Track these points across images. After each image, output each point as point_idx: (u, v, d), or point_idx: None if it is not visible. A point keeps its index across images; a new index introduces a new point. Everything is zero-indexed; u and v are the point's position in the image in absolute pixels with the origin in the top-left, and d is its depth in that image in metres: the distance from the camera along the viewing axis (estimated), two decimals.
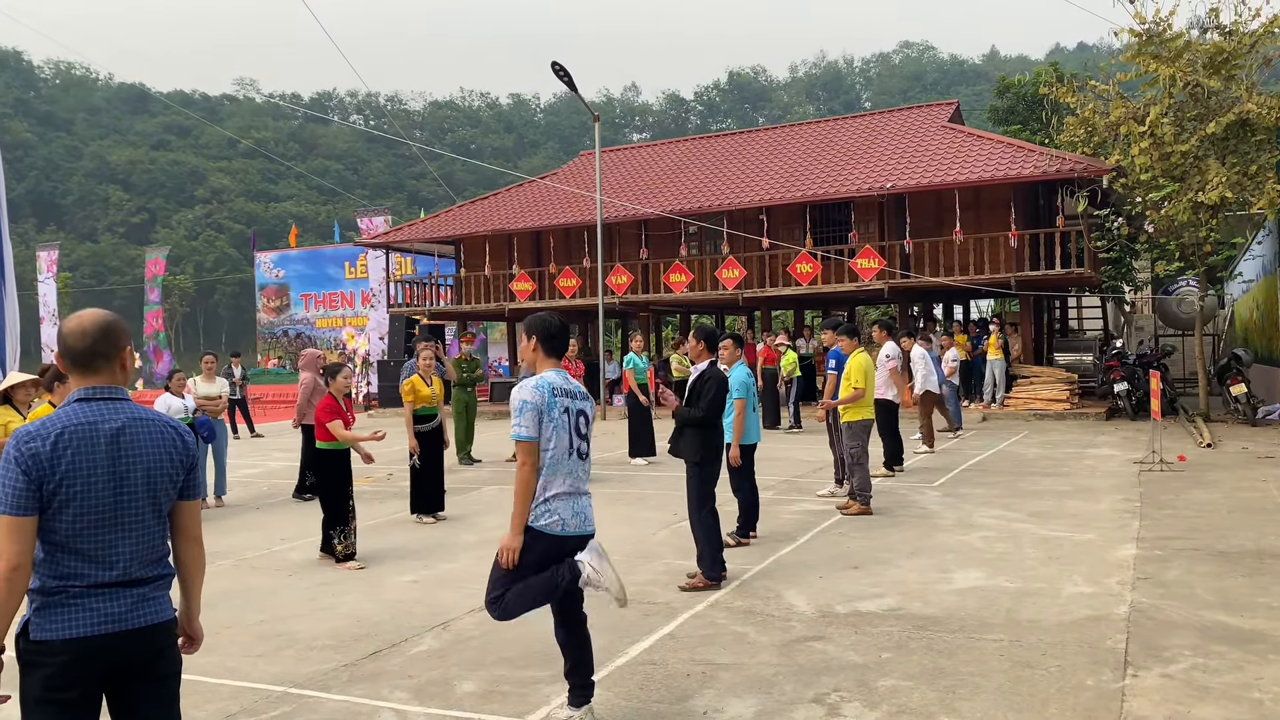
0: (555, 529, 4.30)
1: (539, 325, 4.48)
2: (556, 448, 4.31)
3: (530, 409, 4.26)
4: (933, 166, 22.03)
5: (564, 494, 4.33)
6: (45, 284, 45.04)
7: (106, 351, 2.79)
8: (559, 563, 4.33)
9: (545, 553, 4.30)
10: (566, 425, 4.36)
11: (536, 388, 4.31)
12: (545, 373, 4.42)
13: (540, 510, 4.30)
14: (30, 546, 2.61)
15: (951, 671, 4.95)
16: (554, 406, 4.31)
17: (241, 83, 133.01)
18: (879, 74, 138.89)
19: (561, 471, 4.34)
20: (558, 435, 4.32)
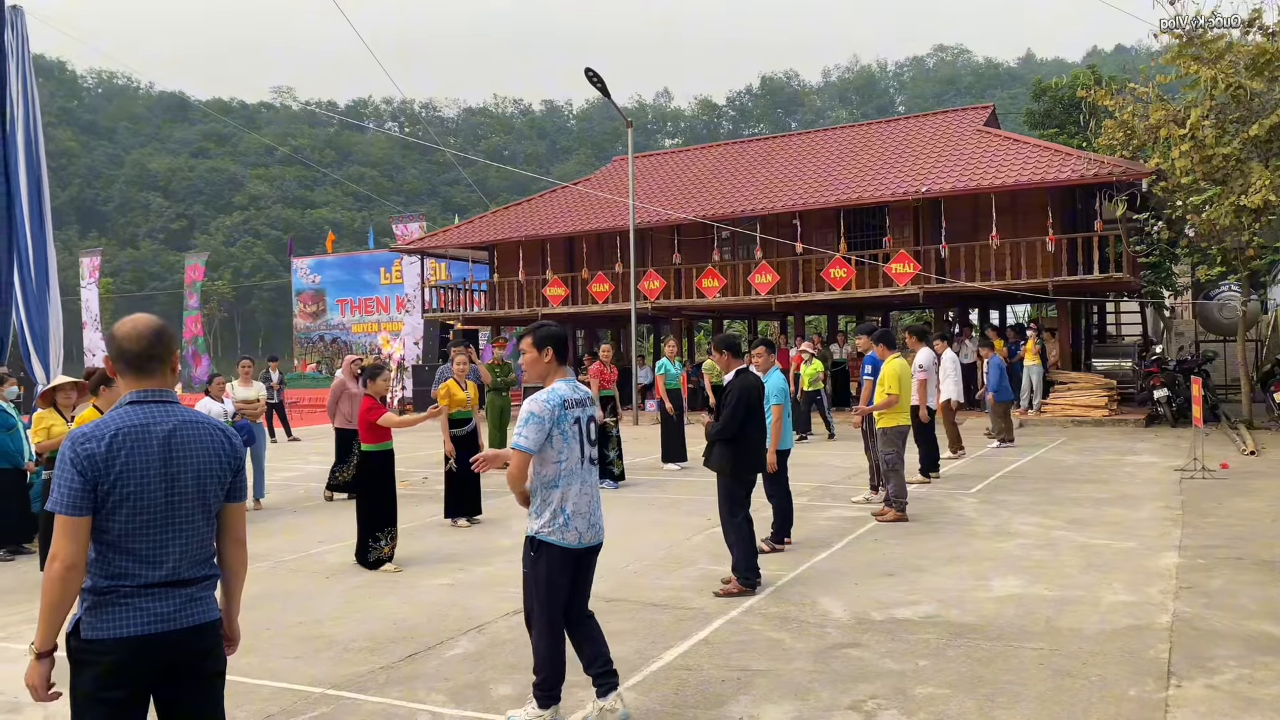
0: (573, 543, 4.42)
1: (554, 336, 4.55)
2: (569, 459, 4.40)
3: (535, 421, 4.34)
4: (968, 170, 21.85)
5: (580, 511, 4.43)
6: (88, 290, 45.84)
7: (160, 355, 2.85)
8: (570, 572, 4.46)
9: (562, 564, 4.43)
10: (578, 435, 4.45)
11: (547, 401, 4.38)
12: (556, 384, 4.48)
13: (558, 525, 4.38)
14: (85, 546, 2.66)
15: (990, 680, 4.91)
16: (565, 419, 4.39)
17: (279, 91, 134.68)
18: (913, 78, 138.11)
19: (576, 481, 4.42)
20: (569, 447, 4.40)
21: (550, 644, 4.45)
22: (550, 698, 4.48)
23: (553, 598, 4.43)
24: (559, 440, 4.36)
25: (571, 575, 4.49)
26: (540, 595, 4.44)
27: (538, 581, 4.45)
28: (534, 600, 4.49)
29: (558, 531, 4.38)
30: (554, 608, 4.45)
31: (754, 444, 6.99)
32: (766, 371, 8.46)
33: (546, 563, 4.40)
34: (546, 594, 4.42)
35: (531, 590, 4.50)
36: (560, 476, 4.38)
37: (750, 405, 6.89)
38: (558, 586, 4.43)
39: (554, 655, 4.46)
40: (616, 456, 12.57)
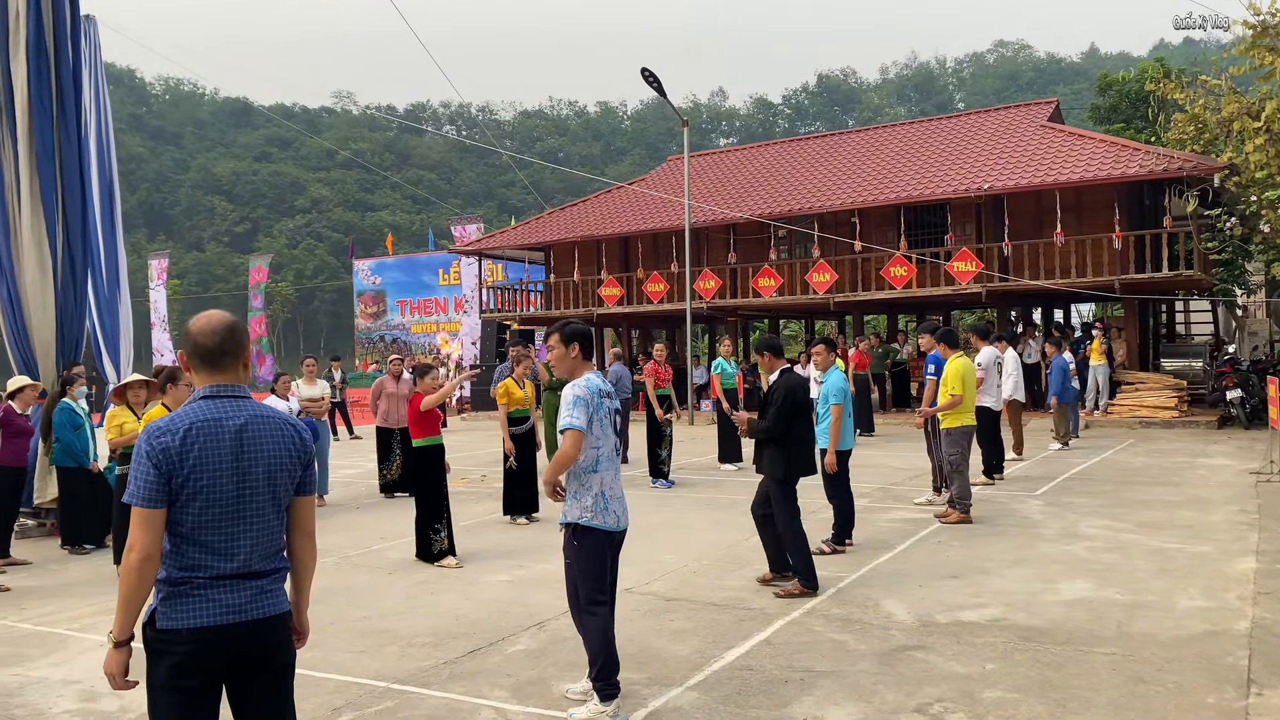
0: (612, 526, 4.66)
1: (580, 333, 4.83)
2: (604, 446, 4.68)
3: (582, 404, 4.62)
4: (1031, 167, 21.44)
5: (616, 495, 4.70)
6: (156, 291, 47.05)
7: (232, 351, 2.89)
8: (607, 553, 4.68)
9: (604, 547, 4.65)
10: (611, 423, 4.73)
11: (586, 386, 4.67)
12: (588, 375, 4.76)
13: (599, 509, 4.61)
14: (159, 538, 2.71)
15: (1061, 685, 4.79)
16: (601, 407, 4.69)
17: (339, 95, 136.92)
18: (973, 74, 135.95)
19: (611, 468, 4.71)
20: (604, 433, 4.70)
21: (601, 630, 4.58)
22: (611, 687, 4.53)
23: (599, 582, 4.63)
24: (597, 426, 4.65)
25: (611, 558, 4.71)
26: (588, 581, 4.62)
27: (584, 568, 4.63)
28: (581, 587, 4.65)
29: (599, 515, 4.62)
30: (601, 592, 4.63)
31: (806, 446, 6.86)
32: (826, 370, 8.39)
33: (591, 548, 4.61)
34: (595, 579, 4.62)
35: (577, 578, 4.67)
36: (599, 461, 4.65)
37: (797, 404, 6.77)
38: (603, 570, 4.64)
39: (607, 641, 4.57)
40: (667, 456, 12.55)
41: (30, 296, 10.24)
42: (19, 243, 10.18)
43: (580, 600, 4.66)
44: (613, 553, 4.72)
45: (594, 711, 4.50)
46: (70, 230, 10.45)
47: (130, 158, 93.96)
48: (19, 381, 8.93)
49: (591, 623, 4.59)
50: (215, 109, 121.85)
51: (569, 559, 4.70)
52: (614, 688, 4.52)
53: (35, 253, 10.19)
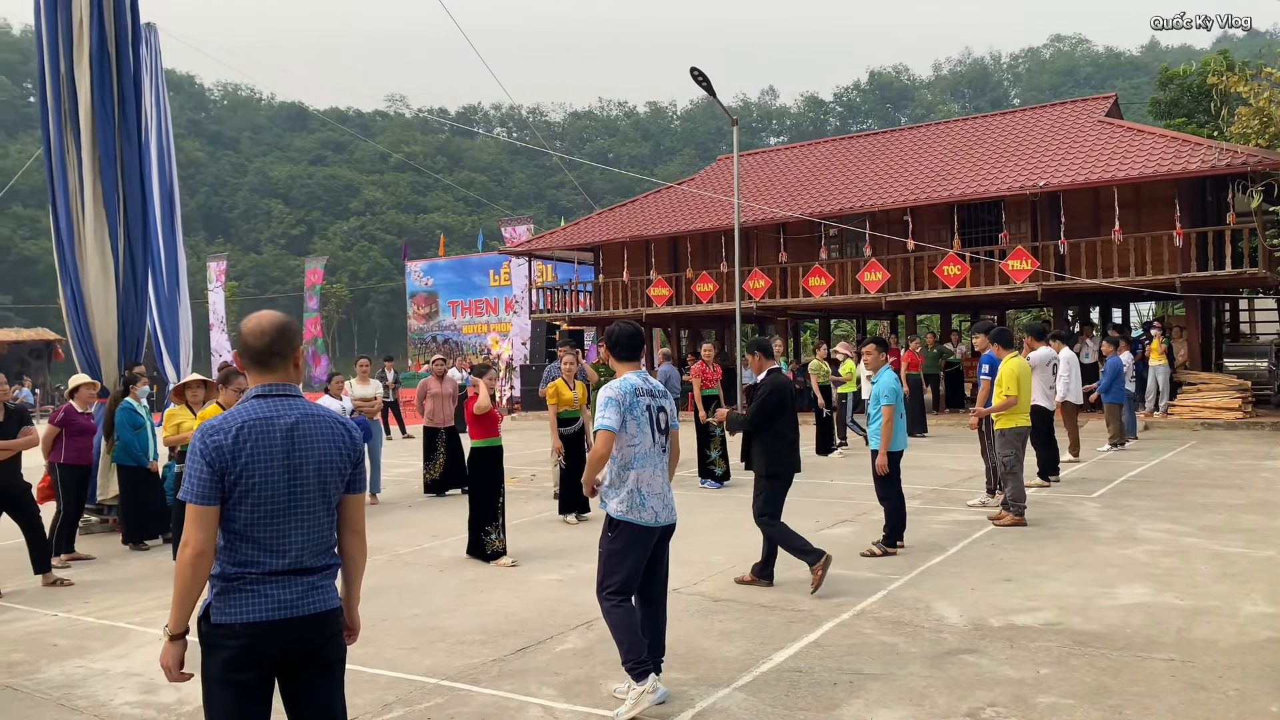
0: (649, 521, 4.75)
1: (608, 335, 5.00)
2: (642, 443, 4.77)
3: (613, 404, 4.74)
4: (1089, 163, 21.03)
5: (656, 492, 4.78)
6: (214, 293, 48.05)
7: (283, 351, 2.94)
8: (646, 550, 4.78)
9: (637, 540, 4.74)
10: (649, 421, 4.80)
11: (620, 388, 4.78)
12: (626, 375, 4.87)
13: (634, 504, 4.72)
14: (213, 534, 2.77)
15: (1118, 691, 4.69)
16: (637, 405, 4.77)
17: (392, 99, 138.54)
18: (1028, 70, 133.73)
19: (649, 465, 4.78)
20: (641, 431, 4.78)
21: (621, 615, 4.68)
22: (642, 665, 4.60)
23: (624, 571, 4.73)
24: (631, 424, 4.74)
25: (645, 553, 4.78)
26: (613, 568, 4.74)
27: (612, 555, 4.76)
28: (605, 575, 4.77)
29: (634, 510, 4.72)
30: (625, 580, 4.73)
31: (789, 443, 7.00)
32: (877, 370, 8.31)
33: (623, 539, 4.73)
34: (620, 567, 4.73)
35: (604, 564, 4.80)
36: (635, 459, 4.74)
37: (781, 403, 6.96)
38: (631, 561, 4.74)
39: (628, 625, 4.67)
40: (719, 456, 12.50)
41: (93, 298, 10.50)
42: (83, 246, 10.45)
43: (603, 590, 4.76)
44: (650, 549, 4.80)
45: (635, 695, 4.56)
46: (131, 233, 10.70)
47: (189, 162, 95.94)
48: (78, 380, 9.15)
49: (615, 616, 4.69)
50: (272, 113, 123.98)
51: (603, 548, 4.83)
52: (644, 665, 4.60)
53: (98, 255, 10.45)
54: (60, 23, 10.40)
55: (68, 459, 8.75)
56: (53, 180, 10.53)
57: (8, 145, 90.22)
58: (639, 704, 4.54)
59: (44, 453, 8.75)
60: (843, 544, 8.44)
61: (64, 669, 5.64)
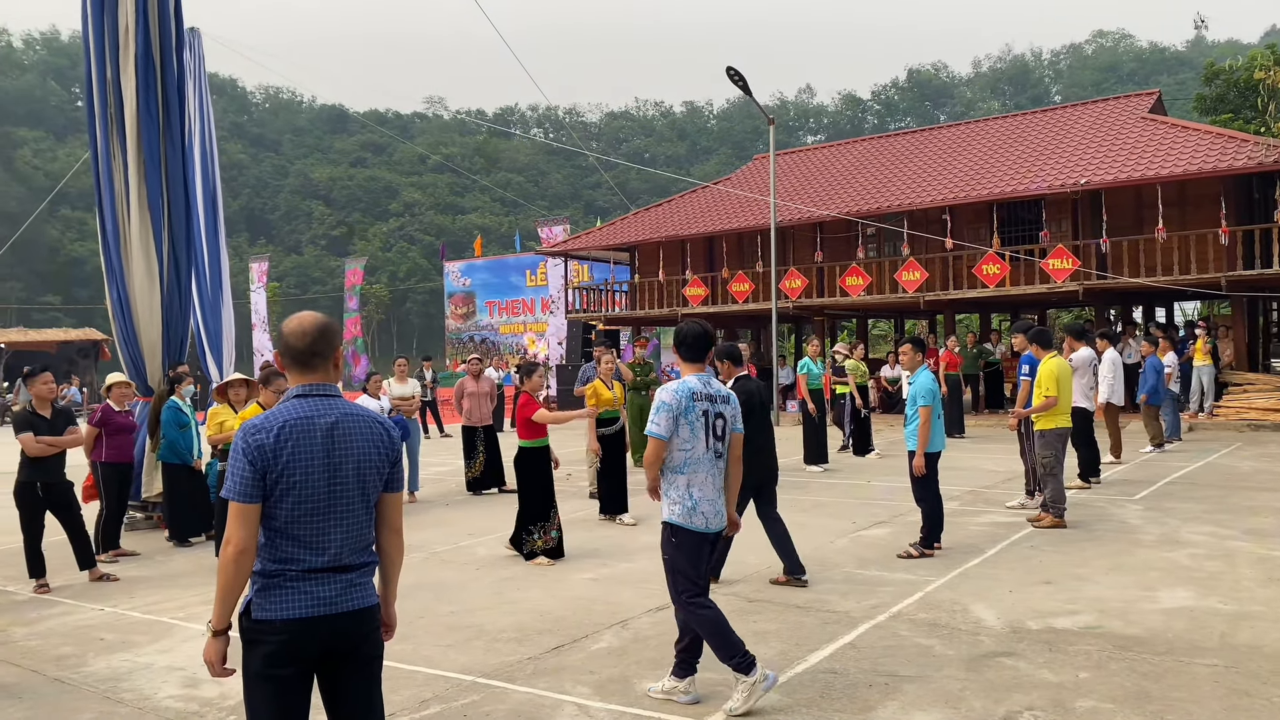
0: (700, 527, 4.70)
1: (675, 335, 4.91)
2: (694, 448, 4.69)
3: (665, 410, 4.67)
4: (1131, 160, 20.72)
5: (708, 498, 4.71)
6: (256, 293, 48.69)
7: (323, 351, 2.99)
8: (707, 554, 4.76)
9: (697, 547, 4.70)
10: (704, 427, 4.71)
11: (675, 391, 4.70)
12: (687, 378, 4.80)
13: (687, 509, 4.67)
14: (254, 532, 2.82)
15: (1159, 696, 4.63)
16: (692, 410, 4.69)
17: (431, 101, 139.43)
18: (1070, 66, 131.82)
19: (702, 471, 4.70)
20: (695, 436, 4.70)
21: (707, 616, 4.65)
22: (744, 658, 4.60)
23: (693, 574, 4.70)
24: (684, 429, 4.67)
25: (708, 554, 4.78)
26: (680, 574, 4.71)
27: (678, 566, 4.72)
28: (678, 585, 4.74)
29: (686, 516, 4.68)
30: (695, 582, 4.70)
31: (755, 449, 6.80)
32: (914, 370, 8.25)
33: (683, 545, 4.69)
34: (687, 572, 4.70)
35: (671, 573, 4.77)
36: (685, 464, 4.69)
37: (751, 409, 6.85)
38: (696, 565, 4.70)
39: (716, 624, 4.64)
40: None
41: (138, 299, 10.69)
42: (128, 248, 10.65)
43: (681, 596, 4.73)
44: (709, 549, 4.79)
45: (746, 687, 4.56)
46: (175, 235, 10.88)
47: (232, 164, 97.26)
48: (112, 378, 9.31)
49: (699, 619, 4.66)
50: (312, 116, 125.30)
51: (667, 554, 4.78)
52: (746, 657, 4.59)
53: (143, 257, 10.64)
54: (107, 28, 10.60)
55: (108, 457, 8.91)
56: (99, 183, 10.74)
57: (57, 149, 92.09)
58: (751, 696, 4.55)
59: (86, 452, 8.92)
60: (879, 545, 8.40)
61: (110, 662, 5.76)
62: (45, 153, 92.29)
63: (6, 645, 6.22)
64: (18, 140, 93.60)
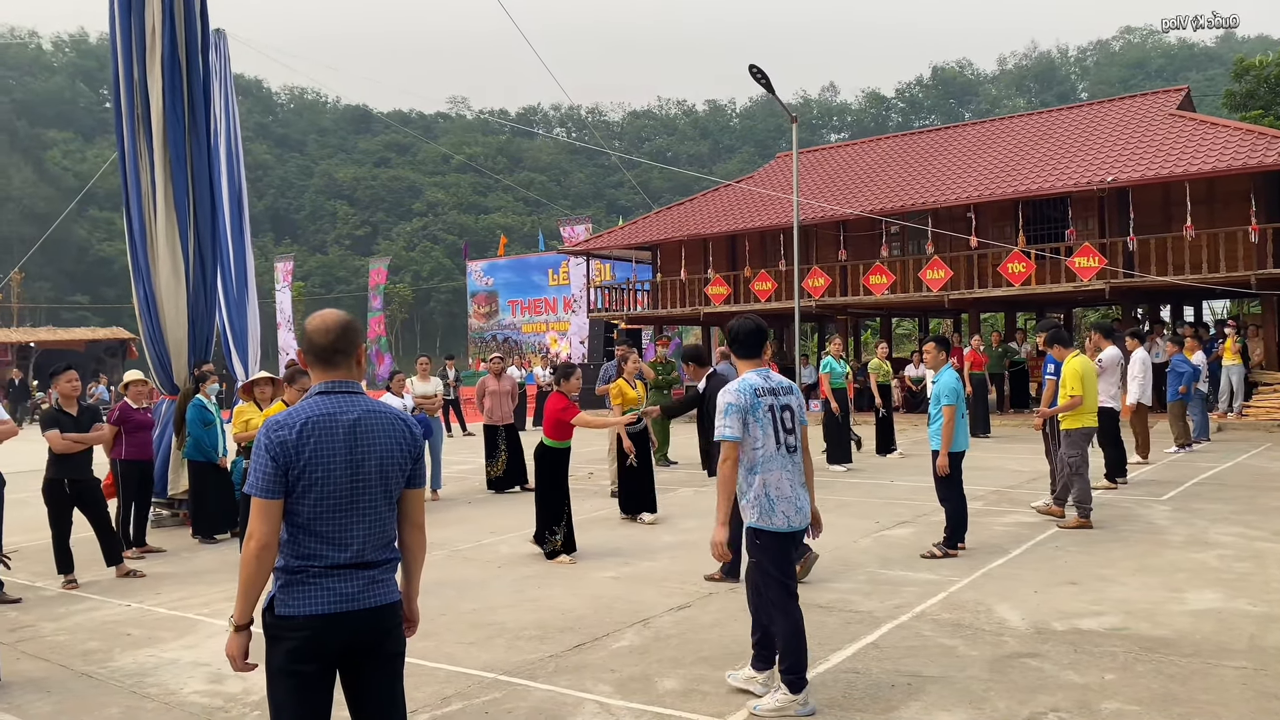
0: (781, 526, 4.59)
1: (730, 331, 4.83)
2: (766, 445, 4.57)
3: (734, 410, 4.54)
4: (1159, 157, 20.50)
5: (785, 495, 4.59)
6: (282, 292, 49.06)
7: (345, 348, 3.00)
8: (788, 554, 4.65)
9: (780, 545, 4.62)
10: (772, 422, 4.59)
11: (739, 390, 4.58)
12: (746, 374, 4.68)
13: (764, 510, 4.56)
14: (277, 527, 2.83)
15: (1186, 698, 4.58)
16: (758, 406, 4.57)
17: (454, 101, 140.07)
18: (1096, 63, 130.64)
19: (776, 467, 4.59)
20: (765, 433, 4.58)
21: (790, 626, 4.58)
22: (800, 681, 4.55)
23: (782, 578, 4.61)
24: (754, 427, 4.57)
25: (792, 554, 4.70)
26: (771, 582, 4.62)
27: (764, 569, 4.63)
28: (766, 588, 4.65)
29: (765, 516, 4.57)
30: (784, 591, 4.62)
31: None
32: (937, 369, 8.19)
33: (767, 548, 4.60)
34: (777, 579, 4.61)
35: (762, 578, 4.67)
36: (759, 462, 4.58)
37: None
38: (783, 568, 4.62)
39: (797, 636, 4.58)
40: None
41: (165, 298, 10.79)
42: (155, 247, 10.75)
43: (769, 599, 4.66)
44: (794, 547, 4.72)
45: (783, 701, 4.53)
46: (201, 235, 10.97)
47: (258, 165, 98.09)
48: (129, 376, 9.39)
49: (782, 621, 4.60)
50: (337, 116, 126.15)
51: (753, 556, 4.71)
52: (803, 681, 4.55)
53: (169, 256, 10.74)
54: (134, 30, 10.71)
55: (128, 455, 8.99)
56: (126, 183, 10.85)
57: (85, 150, 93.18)
58: (785, 711, 4.50)
59: (105, 450, 8.97)
60: (903, 545, 8.35)
61: (136, 658, 5.81)
62: (74, 154, 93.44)
63: (35, 640, 6.30)
64: (47, 141, 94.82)
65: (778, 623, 4.63)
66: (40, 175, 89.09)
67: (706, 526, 9.55)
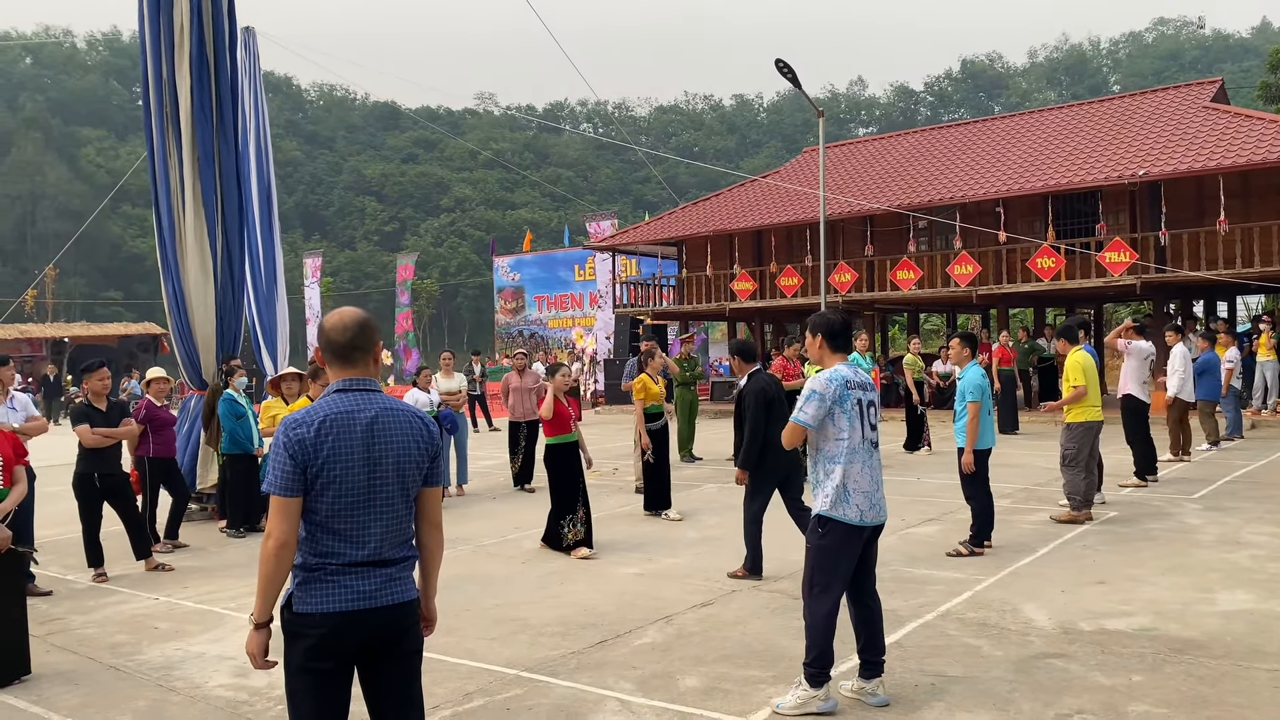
0: (854, 519, 4.55)
1: (823, 323, 4.78)
2: (851, 438, 4.59)
3: (816, 399, 4.57)
4: (1192, 150, 20.20)
5: (863, 489, 4.58)
6: (310, 288, 49.45)
7: (363, 345, 3.00)
8: (856, 549, 4.61)
9: (846, 539, 4.57)
10: (859, 416, 4.61)
11: (829, 380, 4.60)
12: (837, 366, 4.69)
13: (838, 499, 4.55)
14: (295, 525, 2.84)
15: (1215, 701, 4.50)
16: (847, 399, 4.59)
17: (482, 97, 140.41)
18: (1129, 55, 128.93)
19: (858, 461, 4.59)
20: (851, 425, 4.59)
21: (825, 618, 4.57)
22: (822, 676, 4.54)
23: (833, 572, 4.59)
24: (841, 418, 4.58)
25: (855, 552, 4.63)
26: (820, 565, 4.61)
27: (820, 552, 4.61)
28: (813, 571, 4.64)
29: (839, 507, 4.55)
30: (834, 581, 4.60)
31: (772, 446, 6.90)
32: (963, 366, 8.12)
33: (831, 537, 4.57)
34: (830, 568, 4.59)
35: (812, 562, 4.65)
36: (841, 454, 4.58)
37: (768, 403, 7.06)
38: (839, 562, 4.59)
39: (828, 631, 4.57)
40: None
41: (193, 294, 10.89)
42: (183, 244, 10.84)
43: (812, 586, 4.64)
44: (859, 548, 4.64)
45: (803, 697, 4.52)
46: (229, 231, 11.06)
47: (287, 161, 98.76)
48: (152, 373, 9.47)
49: (816, 609, 4.58)
50: (365, 113, 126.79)
51: (810, 544, 4.69)
52: (825, 676, 4.55)
53: (197, 253, 10.83)
54: (163, 27, 10.79)
55: (155, 452, 9.05)
56: (155, 180, 10.95)
57: (119, 148, 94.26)
58: (806, 707, 4.50)
59: (130, 449, 8.99)
60: (928, 543, 8.29)
61: (163, 651, 5.88)
62: (108, 151, 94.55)
63: (64, 633, 6.38)
64: (81, 139, 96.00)
65: (812, 610, 4.60)
66: (74, 173, 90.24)
67: (730, 523, 9.54)
